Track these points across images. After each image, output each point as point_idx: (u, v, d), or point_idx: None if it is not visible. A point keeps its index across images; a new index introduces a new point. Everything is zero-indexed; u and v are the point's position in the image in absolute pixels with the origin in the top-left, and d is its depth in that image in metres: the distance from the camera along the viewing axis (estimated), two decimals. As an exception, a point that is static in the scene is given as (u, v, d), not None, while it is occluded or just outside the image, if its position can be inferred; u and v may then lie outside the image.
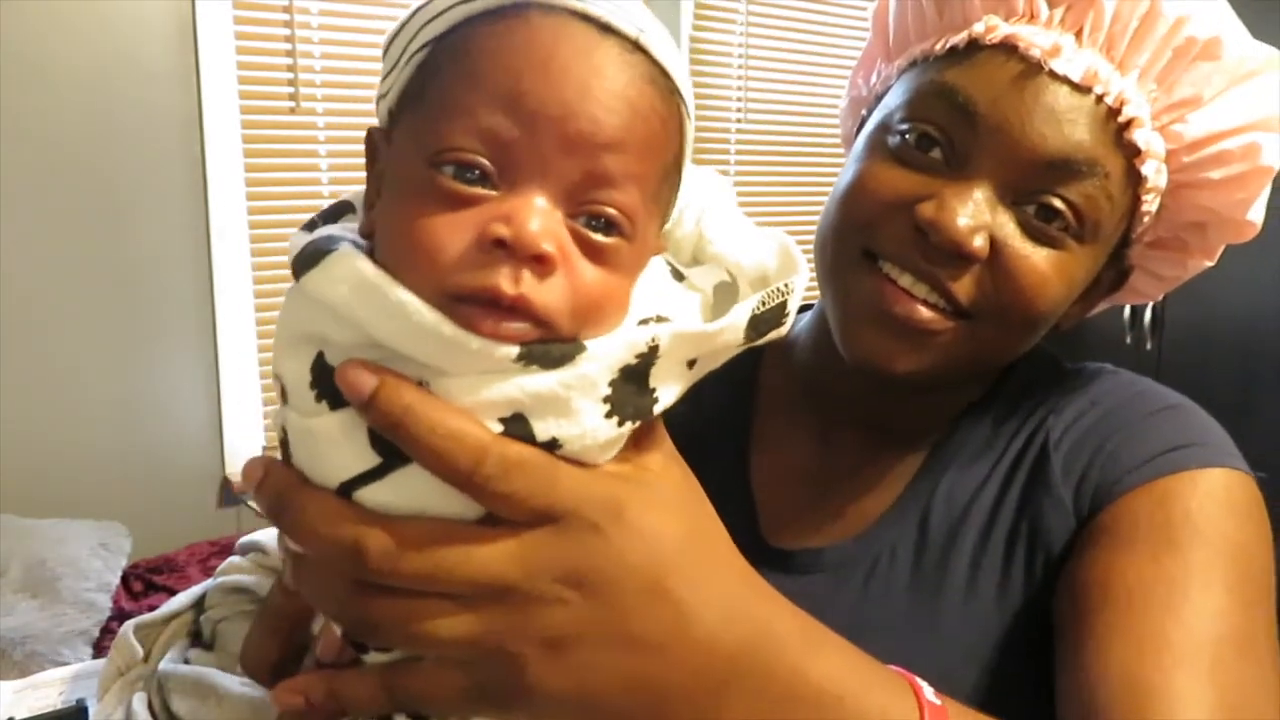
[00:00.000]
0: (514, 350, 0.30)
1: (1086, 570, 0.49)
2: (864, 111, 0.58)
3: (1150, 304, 2.36)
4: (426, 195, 0.31)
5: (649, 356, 0.32)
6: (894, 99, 0.54)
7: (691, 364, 0.34)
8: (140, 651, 1.17)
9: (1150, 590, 0.46)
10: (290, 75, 1.91)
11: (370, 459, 0.30)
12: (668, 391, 0.33)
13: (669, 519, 0.33)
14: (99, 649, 1.35)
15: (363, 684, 0.33)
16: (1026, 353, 0.57)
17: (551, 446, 0.31)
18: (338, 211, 0.38)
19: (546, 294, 0.31)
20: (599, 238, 0.32)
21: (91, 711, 1.07)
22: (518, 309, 0.30)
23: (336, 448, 0.31)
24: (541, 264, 0.30)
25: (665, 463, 0.35)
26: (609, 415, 0.31)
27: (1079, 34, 0.50)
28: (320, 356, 0.32)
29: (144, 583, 1.63)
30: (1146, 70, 0.50)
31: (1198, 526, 0.49)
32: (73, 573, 1.48)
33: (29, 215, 1.70)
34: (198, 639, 1.22)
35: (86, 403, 1.80)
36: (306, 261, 0.31)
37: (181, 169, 1.83)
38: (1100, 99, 0.49)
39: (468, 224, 0.31)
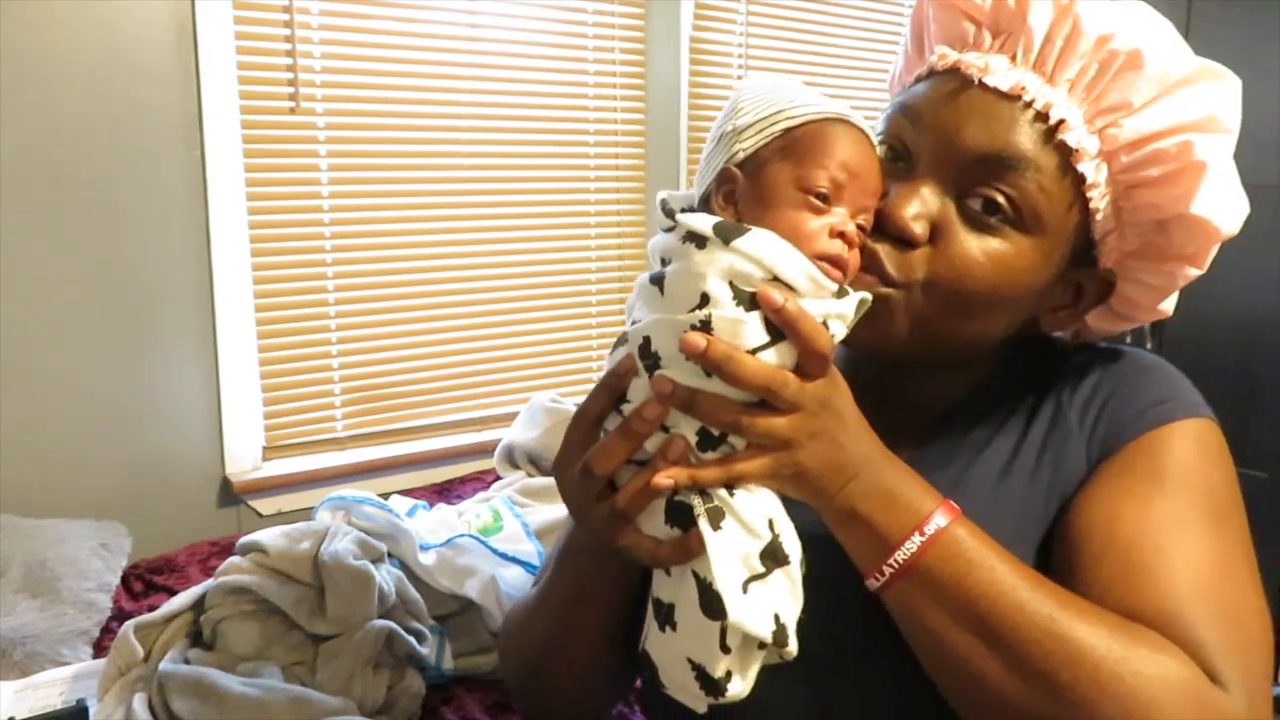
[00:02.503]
0: (835, 286, 0.55)
1: (1090, 514, 0.59)
2: None
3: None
4: (800, 206, 0.57)
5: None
6: (879, 124, 0.67)
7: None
8: (140, 651, 1.17)
9: (1146, 534, 0.57)
10: (290, 75, 1.91)
11: (763, 338, 0.53)
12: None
13: (845, 406, 0.56)
14: (99, 649, 1.35)
15: (711, 469, 0.53)
16: (1023, 345, 0.70)
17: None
18: (686, 201, 0.62)
19: (855, 260, 0.58)
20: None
21: (92, 711, 1.08)
22: (847, 266, 0.58)
23: (751, 329, 0.52)
24: (852, 245, 0.58)
25: (839, 380, 0.56)
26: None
27: (1014, 56, 0.61)
28: (733, 284, 0.53)
29: (144, 583, 1.62)
30: (1076, 82, 0.59)
31: (1180, 473, 0.60)
32: (73, 573, 1.48)
33: (28, 215, 1.70)
34: (198, 639, 1.22)
35: (86, 403, 1.80)
36: (731, 231, 0.53)
37: (181, 169, 1.83)
38: (1028, 105, 0.59)
39: (822, 223, 0.57)
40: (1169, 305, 0.69)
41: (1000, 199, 0.59)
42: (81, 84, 1.71)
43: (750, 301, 0.52)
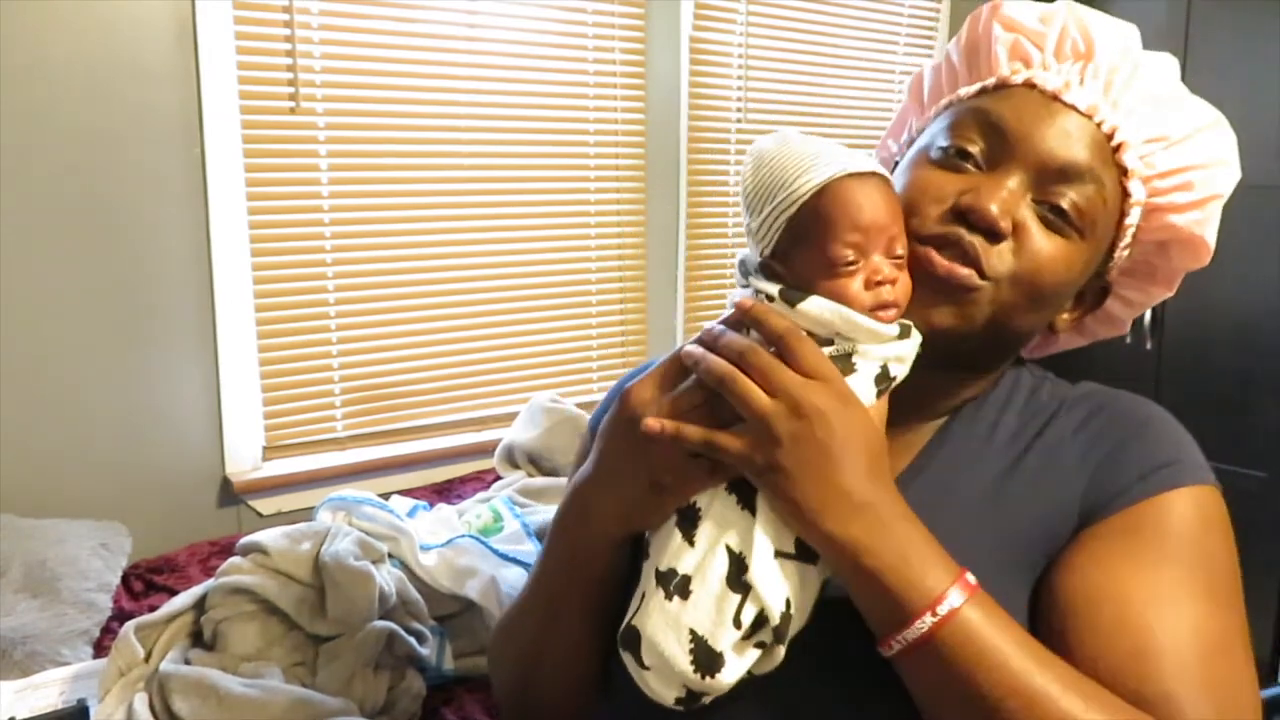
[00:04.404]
0: (895, 330, 0.60)
1: (1094, 583, 0.60)
2: (896, 161, 0.74)
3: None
4: (835, 277, 0.60)
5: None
6: (934, 129, 0.71)
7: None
8: (141, 652, 1.17)
9: (1149, 610, 0.58)
10: (290, 75, 1.91)
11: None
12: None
13: (853, 433, 0.57)
14: (99, 649, 1.35)
15: (694, 429, 0.57)
16: (1023, 366, 0.74)
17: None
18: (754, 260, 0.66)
19: (903, 288, 0.62)
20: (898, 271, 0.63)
21: (92, 711, 1.08)
22: (897, 303, 0.61)
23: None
24: (894, 281, 0.61)
25: (859, 410, 0.58)
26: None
27: (1081, 80, 0.67)
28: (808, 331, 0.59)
29: (144, 583, 1.62)
30: (1131, 111, 0.67)
31: (1184, 544, 0.61)
32: (73, 573, 1.48)
33: (28, 216, 1.70)
34: (198, 639, 1.22)
35: (86, 403, 1.80)
36: (793, 297, 0.59)
37: (181, 169, 1.82)
38: (1098, 126, 0.66)
39: (860, 281, 0.60)
40: (1127, 325, 0.78)
41: (1066, 204, 0.64)
42: (81, 84, 1.71)
43: (819, 341, 0.59)
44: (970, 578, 0.56)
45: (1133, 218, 0.68)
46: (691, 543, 0.58)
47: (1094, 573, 0.60)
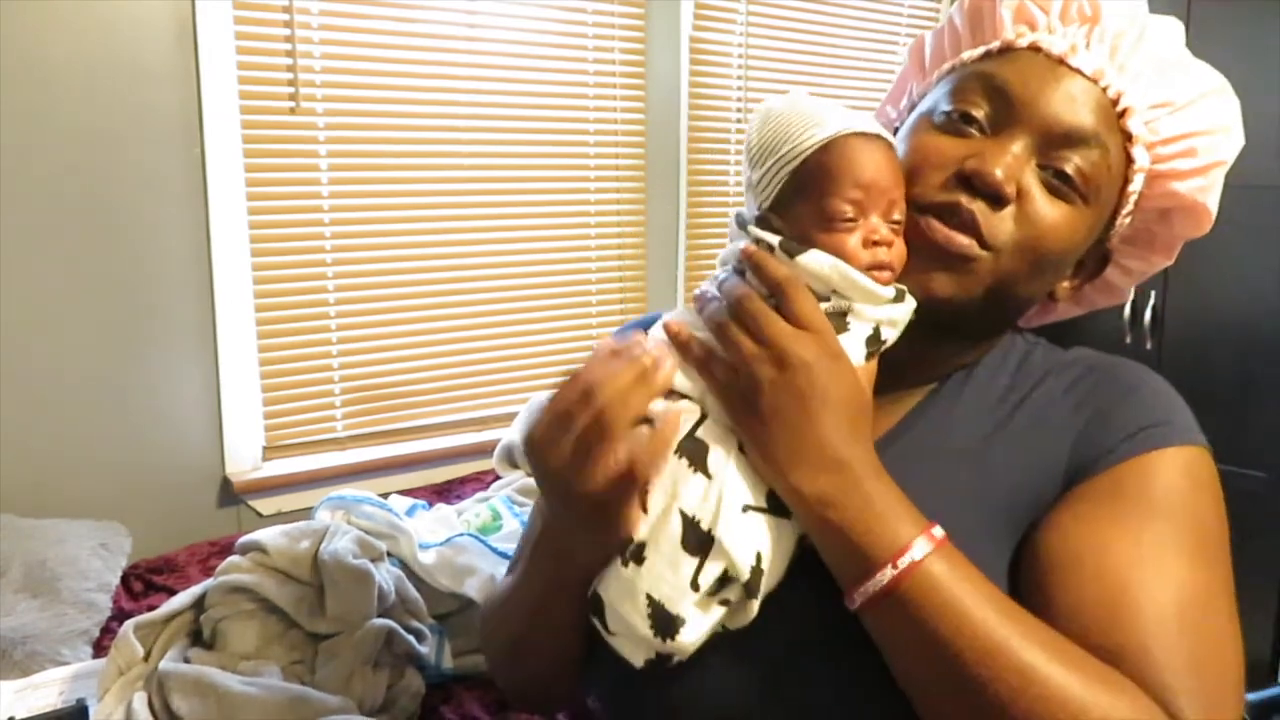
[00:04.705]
0: (891, 292, 0.60)
1: (1076, 539, 0.59)
2: (896, 127, 0.73)
3: (1150, 304, 2.36)
4: (834, 231, 0.60)
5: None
6: (937, 94, 0.70)
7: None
8: (140, 651, 1.17)
9: (1130, 566, 0.57)
10: (290, 75, 1.91)
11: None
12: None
13: (837, 389, 0.57)
14: (99, 649, 1.35)
15: (696, 347, 0.59)
16: (1016, 333, 0.74)
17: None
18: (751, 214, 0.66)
19: (899, 252, 0.62)
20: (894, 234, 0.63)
21: (92, 711, 1.08)
22: (893, 265, 0.61)
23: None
24: (891, 243, 0.61)
25: (848, 368, 0.59)
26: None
27: (1087, 44, 0.66)
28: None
29: (144, 583, 1.62)
30: (1137, 76, 0.65)
31: (1170, 502, 0.60)
32: (73, 573, 1.48)
33: (28, 216, 1.70)
34: (198, 638, 1.22)
35: (86, 403, 1.80)
36: (793, 249, 0.59)
37: (181, 169, 1.83)
38: (1104, 90, 0.64)
39: (858, 238, 0.60)
40: (1129, 292, 0.77)
41: (1070, 170, 0.63)
42: (81, 84, 1.71)
43: (816, 296, 0.59)
44: (937, 531, 0.55)
45: (1136, 184, 0.67)
46: (644, 509, 0.57)
47: (1076, 529, 0.60)
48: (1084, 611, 0.56)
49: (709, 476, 0.56)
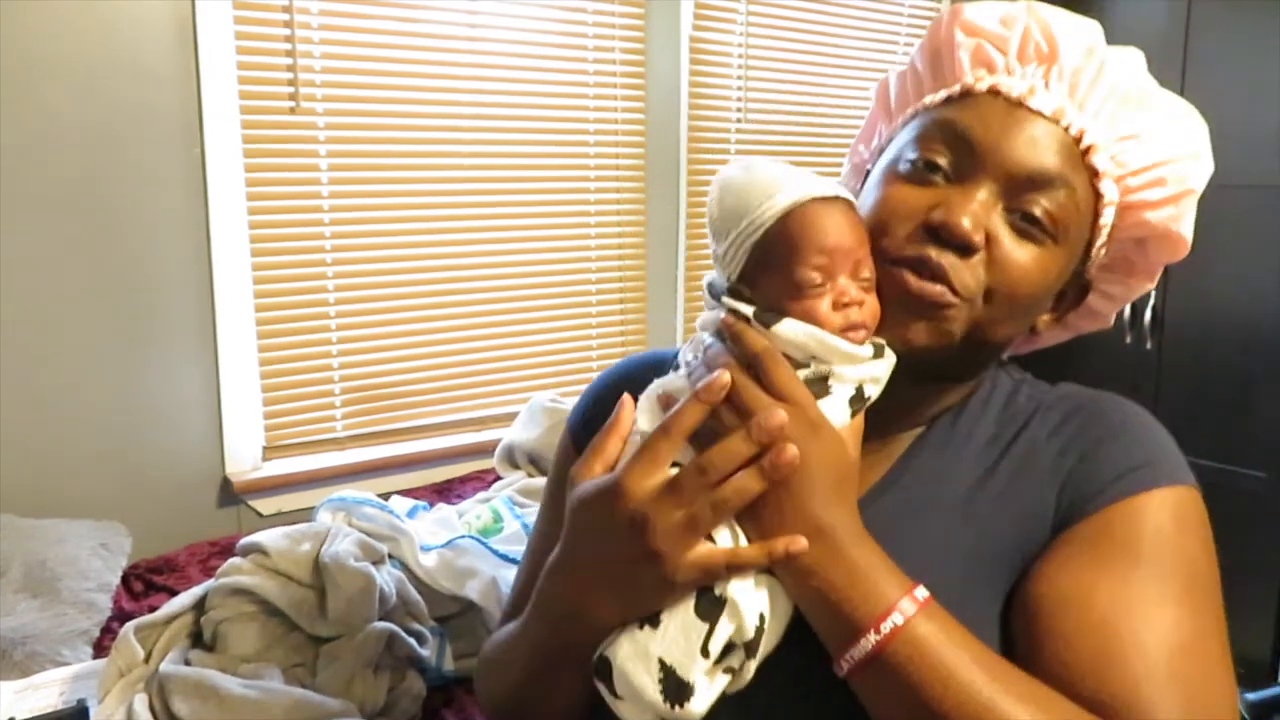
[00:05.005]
0: (869, 352, 0.61)
1: (1063, 587, 0.59)
2: (868, 169, 0.74)
3: (1150, 304, 2.36)
4: (803, 298, 0.60)
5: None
6: (902, 140, 0.69)
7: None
8: (141, 652, 1.17)
9: (1120, 615, 0.57)
10: (290, 75, 1.91)
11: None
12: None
13: (820, 459, 0.57)
14: (99, 649, 1.35)
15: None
16: (1001, 368, 0.74)
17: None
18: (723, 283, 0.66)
19: (871, 308, 0.62)
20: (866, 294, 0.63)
21: (92, 712, 1.08)
22: (866, 323, 0.62)
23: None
24: (862, 302, 0.62)
25: (830, 434, 0.59)
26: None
27: (1046, 83, 0.66)
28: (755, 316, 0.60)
29: (144, 583, 1.62)
30: (1099, 111, 0.66)
31: (1156, 546, 0.60)
32: (73, 573, 1.48)
33: (28, 216, 1.70)
34: (198, 640, 1.22)
35: (86, 403, 1.80)
36: (768, 319, 0.60)
37: (181, 169, 1.82)
38: (1066, 129, 0.65)
39: (829, 302, 0.60)
40: (1111, 318, 0.77)
41: (1039, 213, 0.63)
42: (81, 84, 1.71)
43: (794, 364, 0.59)
44: (920, 593, 0.55)
45: (1107, 217, 0.67)
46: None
47: (1063, 578, 0.59)
48: (1074, 663, 0.56)
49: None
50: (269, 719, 1.04)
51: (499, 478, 1.98)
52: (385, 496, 1.66)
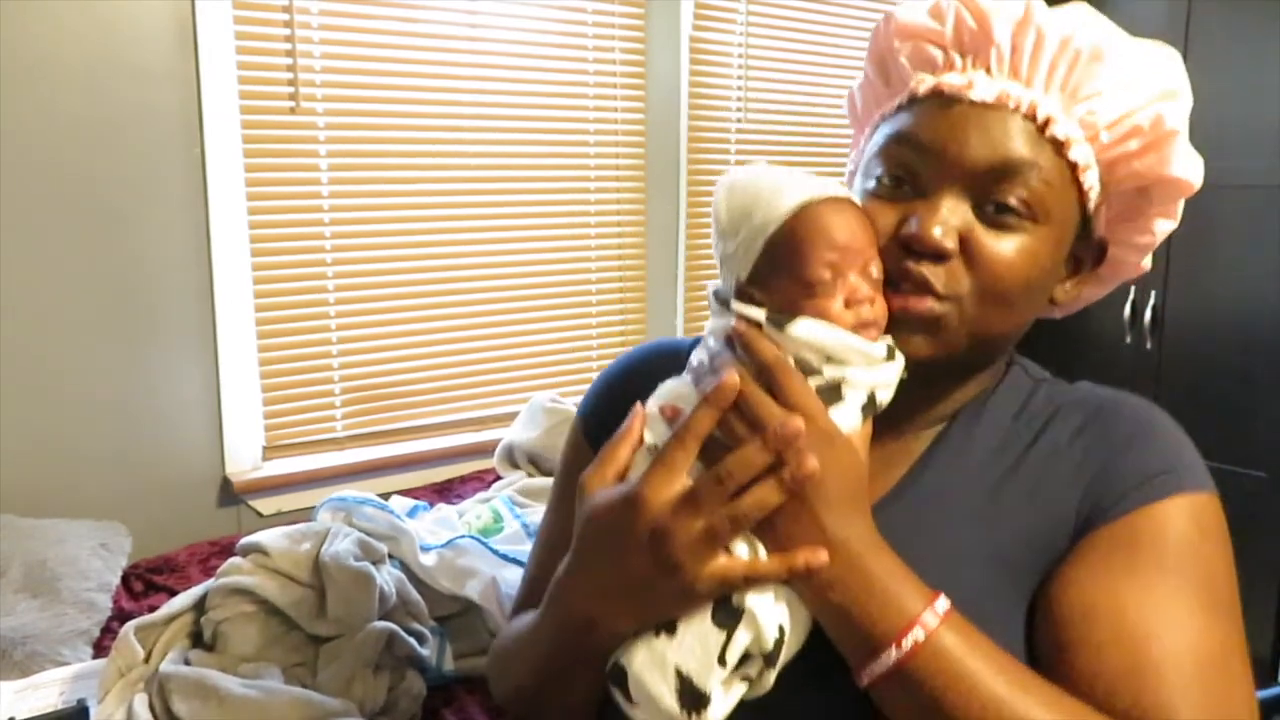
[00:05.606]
0: (883, 351, 0.60)
1: (1091, 596, 0.59)
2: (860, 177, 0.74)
3: (1150, 304, 2.36)
4: (814, 297, 0.60)
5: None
6: (867, 156, 0.69)
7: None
8: (141, 652, 1.17)
9: (1147, 624, 0.57)
10: (290, 75, 1.91)
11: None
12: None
13: (834, 475, 0.56)
14: (99, 649, 1.35)
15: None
16: (1016, 365, 0.73)
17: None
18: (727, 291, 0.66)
19: (881, 308, 0.62)
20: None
21: (92, 711, 1.08)
22: (878, 320, 0.62)
23: None
24: (873, 300, 0.61)
25: (843, 447, 0.58)
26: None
27: (988, 69, 0.65)
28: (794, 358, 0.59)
29: (144, 583, 1.62)
30: (1050, 81, 0.64)
31: (1181, 553, 0.60)
32: (73, 573, 1.48)
33: (28, 216, 1.70)
34: (198, 640, 1.22)
35: (86, 403, 1.80)
36: (782, 320, 0.59)
37: (181, 169, 1.82)
38: (1015, 110, 0.63)
39: (841, 299, 0.60)
40: (1147, 261, 0.74)
41: (1012, 201, 0.63)
42: (81, 84, 1.71)
43: (806, 370, 0.58)
44: (941, 604, 0.55)
45: (1090, 181, 0.65)
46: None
47: (1090, 586, 0.59)
48: (1104, 674, 0.56)
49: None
50: (269, 719, 1.04)
51: (499, 478, 1.98)
52: (385, 496, 1.66)
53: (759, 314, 0.59)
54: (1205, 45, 2.27)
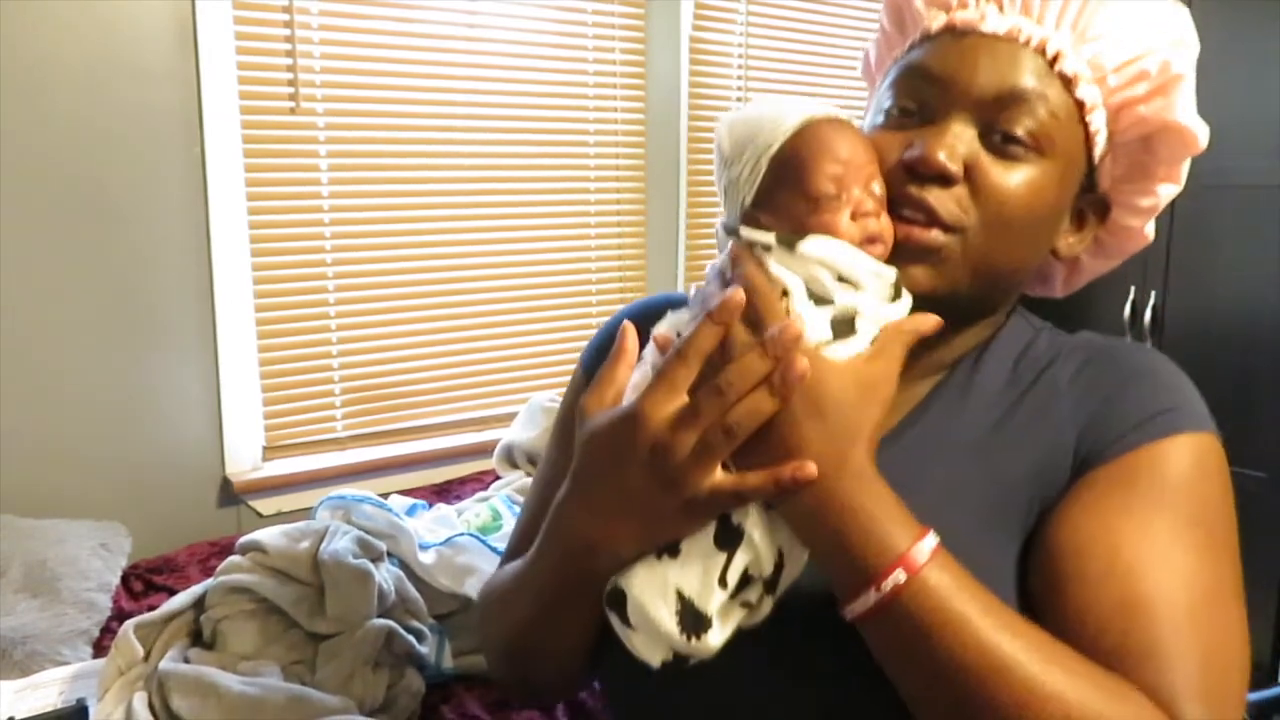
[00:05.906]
0: (893, 274, 0.60)
1: (1088, 533, 0.59)
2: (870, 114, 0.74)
3: (1150, 304, 2.36)
4: (820, 212, 0.60)
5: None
6: (879, 95, 0.70)
7: None
8: (140, 651, 1.17)
9: (1143, 562, 0.57)
10: (290, 75, 1.91)
11: (827, 334, 0.57)
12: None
13: (831, 392, 0.55)
14: (99, 649, 1.35)
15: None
16: (1017, 313, 0.73)
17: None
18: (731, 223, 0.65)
19: (886, 225, 0.62)
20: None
21: (92, 711, 1.08)
22: (885, 236, 0.62)
23: (817, 323, 0.56)
24: (878, 214, 0.62)
25: (833, 370, 0.56)
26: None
27: (1000, 6, 0.66)
28: (806, 283, 0.58)
29: (144, 583, 1.62)
30: (1061, 19, 0.65)
31: (1179, 491, 0.60)
32: (73, 573, 1.48)
33: (29, 216, 1.70)
34: (198, 638, 1.22)
35: (86, 403, 1.80)
36: (792, 239, 0.58)
37: (181, 169, 1.83)
38: (1026, 44, 0.64)
39: (846, 214, 0.61)
40: (1150, 230, 0.75)
41: (1019, 131, 0.63)
42: (81, 84, 1.72)
43: (819, 299, 0.57)
44: (929, 541, 0.53)
45: (1097, 122, 0.66)
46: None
47: (1086, 523, 0.59)
48: (1097, 609, 0.55)
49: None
50: (268, 717, 1.04)
51: (498, 478, 1.98)
52: (385, 496, 1.66)
53: (768, 237, 0.59)
54: (1205, 45, 2.26)
